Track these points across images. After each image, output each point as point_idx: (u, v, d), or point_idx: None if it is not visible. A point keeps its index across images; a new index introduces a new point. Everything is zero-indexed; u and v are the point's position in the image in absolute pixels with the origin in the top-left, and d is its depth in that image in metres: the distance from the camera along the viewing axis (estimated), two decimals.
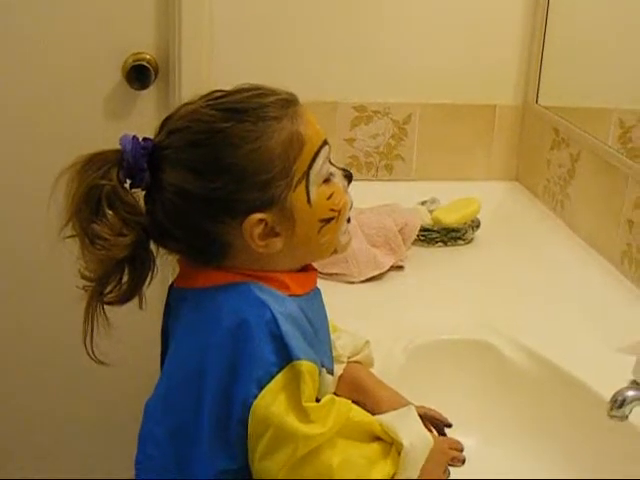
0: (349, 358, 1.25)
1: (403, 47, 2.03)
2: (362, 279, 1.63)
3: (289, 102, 1.03)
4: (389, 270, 1.66)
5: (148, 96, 2.01)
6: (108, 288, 1.04)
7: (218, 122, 1.00)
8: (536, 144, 2.04)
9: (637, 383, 1.22)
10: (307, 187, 1.02)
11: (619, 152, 1.73)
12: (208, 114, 1.01)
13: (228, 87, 1.06)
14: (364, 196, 1.72)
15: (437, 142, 2.09)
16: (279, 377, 0.98)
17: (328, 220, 1.05)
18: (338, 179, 1.07)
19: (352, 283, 1.63)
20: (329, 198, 1.05)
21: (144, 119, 1.95)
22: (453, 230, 1.80)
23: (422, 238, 1.78)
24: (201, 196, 1.00)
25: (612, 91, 1.87)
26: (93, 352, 1.05)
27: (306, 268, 1.10)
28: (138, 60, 1.96)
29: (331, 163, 1.06)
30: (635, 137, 1.84)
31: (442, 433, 1.23)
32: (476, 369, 1.45)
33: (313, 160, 1.03)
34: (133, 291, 1.05)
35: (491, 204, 1.92)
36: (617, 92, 1.86)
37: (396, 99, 2.06)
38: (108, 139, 1.06)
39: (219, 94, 1.04)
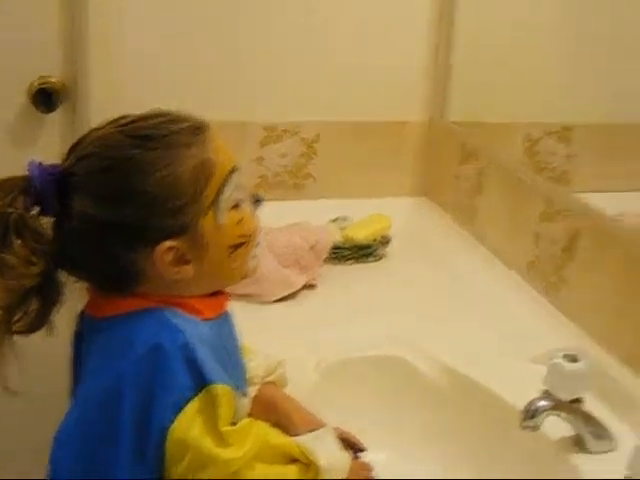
0: (263, 379, 1.25)
1: (311, 66, 2.03)
2: (275, 299, 1.63)
3: (199, 129, 1.03)
4: (302, 289, 1.67)
5: (55, 120, 1.98)
6: (16, 317, 1.02)
7: (128, 148, 1.00)
8: (444, 159, 2.07)
9: (549, 393, 1.24)
10: (217, 213, 1.02)
11: (526, 166, 1.76)
12: (117, 140, 1.01)
13: (137, 112, 1.05)
14: (275, 216, 1.72)
15: (346, 160, 2.10)
16: (195, 401, 0.98)
17: (238, 246, 1.06)
18: (247, 204, 1.08)
19: (265, 303, 1.62)
20: (239, 223, 1.05)
21: (51, 144, 1.92)
22: (364, 247, 1.81)
23: (334, 256, 1.78)
24: (111, 223, 0.99)
25: (519, 105, 1.90)
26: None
27: (217, 292, 1.10)
28: (44, 83, 1.93)
29: (241, 188, 1.06)
30: (542, 150, 1.88)
31: (355, 456, 1.24)
32: (390, 384, 1.46)
33: (223, 186, 1.03)
34: (42, 320, 1.03)
35: (401, 220, 1.93)
36: (524, 106, 1.89)
37: (305, 118, 2.05)
38: (14, 165, 1.04)
39: (128, 120, 1.03)
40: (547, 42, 1.88)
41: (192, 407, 0.97)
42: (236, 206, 1.05)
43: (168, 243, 1.00)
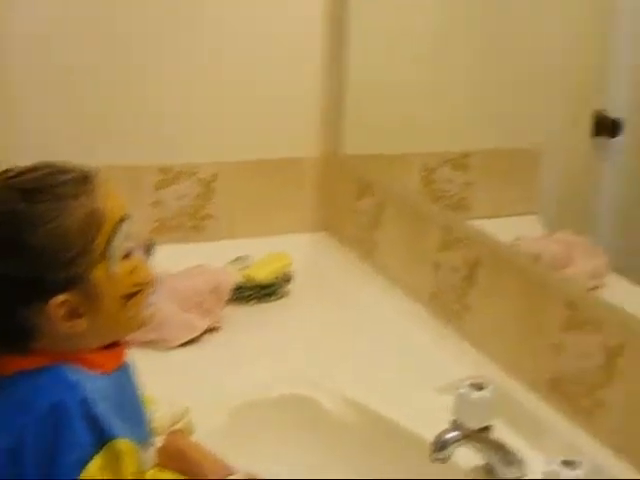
0: (169, 428, 1.23)
1: (204, 106, 2.01)
2: (178, 344, 1.61)
3: (87, 178, 1.01)
4: (205, 332, 1.64)
5: None
6: None
7: (15, 202, 0.97)
8: (342, 194, 2.07)
9: (457, 423, 1.24)
10: (109, 263, 1.00)
11: (423, 195, 1.78)
12: (4, 194, 0.98)
13: (23, 165, 1.02)
14: (175, 259, 1.72)
15: (245, 199, 2.08)
16: (97, 458, 0.95)
17: (132, 295, 1.03)
18: (140, 252, 1.06)
19: (168, 349, 1.60)
20: (132, 272, 1.03)
21: None
22: (266, 286, 1.80)
23: (236, 297, 1.76)
24: (2, 278, 0.97)
25: (414, 135, 1.92)
26: None
27: (115, 343, 1.07)
28: None
29: (132, 236, 1.05)
30: (438, 178, 1.90)
31: None
32: (298, 424, 1.45)
33: (113, 236, 1.00)
34: None
35: (302, 257, 1.93)
36: (419, 136, 1.91)
37: (201, 158, 2.04)
38: None
39: (14, 173, 1.01)
40: (439, 72, 1.91)
41: (95, 464, 0.95)
42: (128, 255, 1.03)
43: (61, 297, 0.97)
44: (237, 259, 1.86)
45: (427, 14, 1.92)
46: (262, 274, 1.80)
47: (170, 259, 1.72)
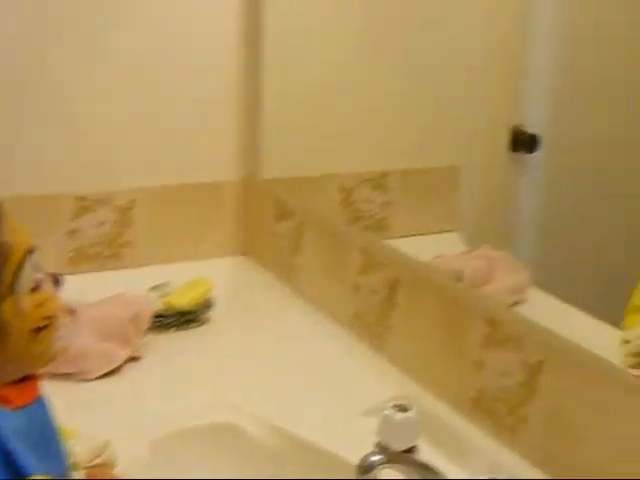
0: (90, 462, 1.20)
1: (120, 132, 1.98)
2: (97, 375, 1.57)
3: None
4: (125, 362, 1.61)
5: None
6: None
7: None
8: (261, 217, 2.06)
9: (382, 445, 1.23)
10: (16, 297, 0.97)
11: (342, 217, 1.78)
12: None
13: None
14: (93, 288, 1.69)
15: (163, 225, 2.06)
16: None
17: (41, 328, 1.01)
18: (48, 285, 1.03)
19: (87, 381, 1.56)
20: (40, 306, 1.00)
21: None
22: (187, 313, 1.77)
23: (156, 325, 1.73)
24: None
25: (332, 157, 1.92)
26: None
27: (28, 376, 1.04)
28: None
29: (40, 269, 1.02)
30: (358, 199, 1.90)
31: None
32: (222, 452, 1.42)
33: (19, 269, 0.98)
34: None
35: (223, 282, 1.91)
36: (337, 157, 1.91)
37: (118, 186, 2.00)
38: None
39: None
40: (355, 93, 1.91)
41: None
42: (36, 288, 1.00)
43: None
44: (157, 286, 1.83)
45: (343, 37, 1.93)
46: (182, 301, 1.78)
47: (88, 288, 1.71)
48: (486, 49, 1.90)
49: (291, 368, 1.61)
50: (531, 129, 1.92)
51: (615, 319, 1.43)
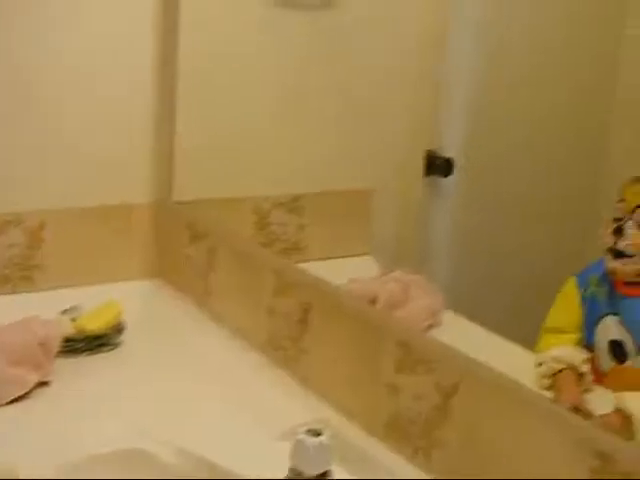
0: None
1: (31, 152, 1.94)
2: (4, 402, 1.53)
3: None
4: (35, 388, 1.57)
5: None
6: None
7: None
8: (174, 240, 2.04)
9: (296, 470, 1.22)
10: None
11: (257, 239, 1.77)
12: None
13: None
14: (2, 312, 1.65)
15: (76, 247, 2.01)
16: None
17: None
18: None
19: None
20: None
21: None
22: (98, 337, 1.74)
23: (67, 349, 1.70)
24: None
25: (246, 179, 1.91)
26: None
27: None
28: None
29: None
30: (272, 222, 1.90)
31: None
32: (134, 478, 1.40)
33: None
34: None
35: (136, 305, 1.89)
36: (251, 180, 1.91)
37: (28, 206, 1.97)
38: None
39: None
40: (268, 116, 1.91)
41: None
42: None
43: None
44: (68, 310, 1.79)
45: (256, 59, 1.92)
46: (94, 324, 1.75)
47: None
48: (402, 75, 1.92)
49: (204, 392, 1.59)
50: (445, 153, 1.94)
51: (528, 341, 1.44)
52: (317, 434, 1.22)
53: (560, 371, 1.34)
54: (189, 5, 1.96)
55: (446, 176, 1.94)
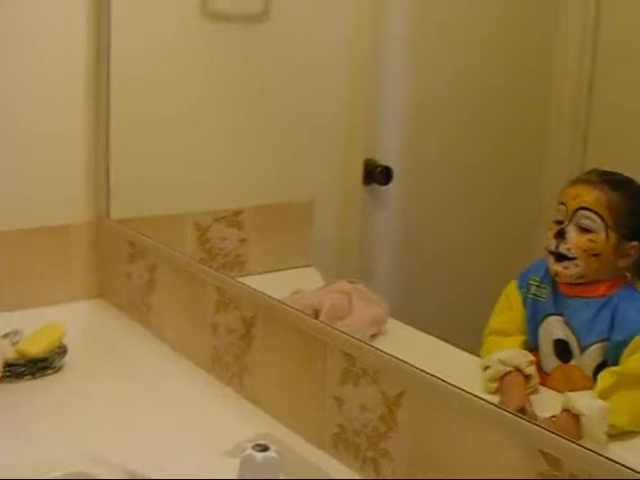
0: None
1: None
2: None
3: None
4: None
5: None
6: None
7: None
8: (114, 259, 2.01)
9: None
10: None
11: (198, 255, 1.76)
12: None
13: None
14: None
15: (13, 270, 1.98)
16: None
17: None
18: None
19: None
20: None
21: None
22: (40, 360, 1.71)
23: (8, 374, 1.67)
24: None
25: (185, 196, 1.90)
26: None
27: None
28: None
29: None
30: (212, 237, 1.89)
31: None
32: None
33: None
34: None
35: (78, 326, 1.86)
36: (190, 196, 1.90)
37: None
38: None
39: None
40: (206, 131, 1.90)
41: None
42: None
43: None
44: (7, 334, 1.76)
45: (192, 76, 1.91)
46: (35, 348, 1.71)
47: None
48: (337, 86, 1.92)
49: (149, 412, 1.57)
50: (384, 161, 1.94)
51: (472, 345, 1.45)
52: (264, 449, 1.22)
53: (507, 374, 1.35)
54: (121, 20, 1.95)
55: (385, 184, 1.95)
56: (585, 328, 1.35)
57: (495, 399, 1.28)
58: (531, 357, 1.38)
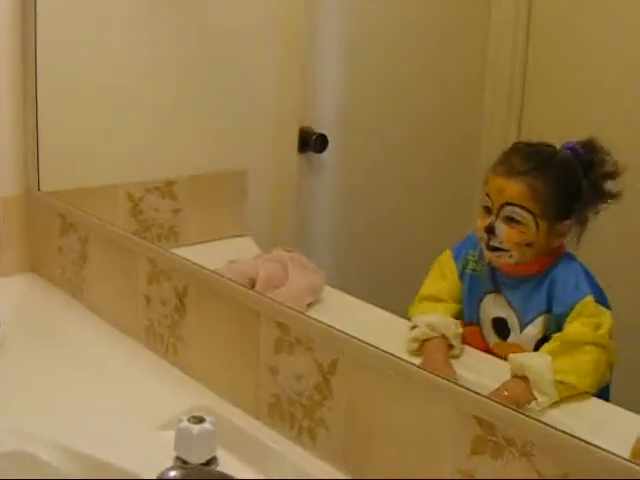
0: None
1: None
2: None
3: None
4: None
5: None
6: None
7: None
8: (45, 232, 1.98)
9: (181, 459, 1.21)
10: None
11: (130, 226, 1.74)
12: None
13: None
14: None
15: None
16: None
17: None
18: None
19: None
20: None
21: None
22: None
23: None
24: None
25: (117, 166, 1.87)
26: None
27: None
28: None
29: None
30: (145, 208, 1.86)
31: None
32: None
33: None
34: None
35: (9, 301, 1.84)
36: (122, 166, 1.87)
37: None
38: None
39: None
40: (135, 100, 1.88)
41: None
42: None
43: None
44: None
45: (121, 44, 1.88)
46: None
47: None
48: (271, 54, 1.91)
49: (84, 387, 1.55)
50: (319, 129, 1.94)
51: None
52: (200, 421, 1.22)
53: (432, 338, 1.36)
54: None
55: (321, 152, 1.95)
56: (525, 305, 1.36)
57: (415, 360, 1.30)
58: (460, 329, 1.39)
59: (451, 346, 1.36)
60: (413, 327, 1.39)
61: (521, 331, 1.36)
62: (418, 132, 1.93)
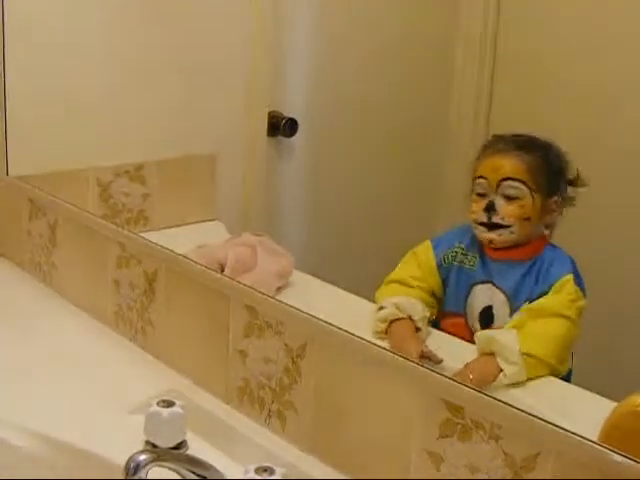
0: None
1: None
2: None
3: None
4: None
5: None
6: None
7: None
8: (14, 216, 1.97)
9: (150, 443, 1.21)
10: None
11: (100, 211, 1.74)
12: None
13: None
14: None
15: None
16: None
17: None
18: None
19: None
20: None
21: None
22: None
23: None
24: None
25: (86, 150, 1.87)
26: None
27: None
28: None
29: None
30: (115, 193, 1.86)
31: None
32: None
33: None
34: None
35: None
36: (91, 151, 1.86)
37: None
38: None
39: None
40: (104, 84, 1.87)
41: None
42: None
43: None
44: None
45: (89, 27, 1.87)
46: None
47: None
48: (242, 38, 1.90)
49: (53, 371, 1.55)
50: (289, 113, 1.94)
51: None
52: (170, 404, 1.22)
53: (398, 319, 1.37)
54: None
55: (291, 136, 1.95)
56: (515, 290, 1.40)
57: (380, 341, 1.32)
58: (428, 314, 1.41)
59: (418, 329, 1.38)
60: (380, 308, 1.40)
61: (511, 315, 1.39)
62: (388, 116, 1.93)
